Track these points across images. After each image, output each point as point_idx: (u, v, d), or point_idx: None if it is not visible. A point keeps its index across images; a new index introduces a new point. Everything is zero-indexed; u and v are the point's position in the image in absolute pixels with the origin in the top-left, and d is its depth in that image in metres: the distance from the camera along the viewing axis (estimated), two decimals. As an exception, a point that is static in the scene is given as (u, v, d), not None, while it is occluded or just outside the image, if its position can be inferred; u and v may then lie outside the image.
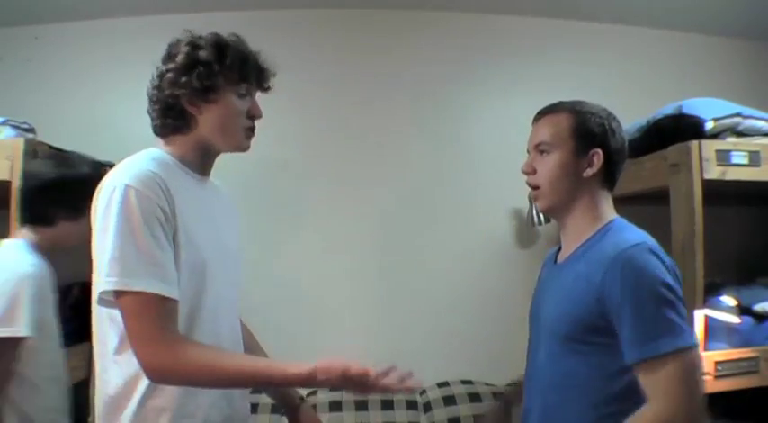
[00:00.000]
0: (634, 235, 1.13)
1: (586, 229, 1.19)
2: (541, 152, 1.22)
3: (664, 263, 1.07)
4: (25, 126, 1.86)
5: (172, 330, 0.99)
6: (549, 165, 1.20)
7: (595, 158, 1.18)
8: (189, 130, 1.14)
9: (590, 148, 1.18)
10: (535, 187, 1.23)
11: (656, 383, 1.01)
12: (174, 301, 1.00)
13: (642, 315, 1.02)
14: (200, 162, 1.18)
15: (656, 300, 1.03)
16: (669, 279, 1.05)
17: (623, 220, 1.20)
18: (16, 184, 1.57)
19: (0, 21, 2.46)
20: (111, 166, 1.12)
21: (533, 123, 1.27)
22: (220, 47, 1.13)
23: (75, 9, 2.45)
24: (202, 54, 1.11)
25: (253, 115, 1.19)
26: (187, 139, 1.15)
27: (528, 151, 1.27)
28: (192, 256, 1.08)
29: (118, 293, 0.97)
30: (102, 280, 0.98)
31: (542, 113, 1.26)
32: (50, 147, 1.69)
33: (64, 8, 2.43)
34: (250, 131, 1.19)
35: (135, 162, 1.08)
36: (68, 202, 1.46)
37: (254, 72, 1.18)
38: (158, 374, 0.98)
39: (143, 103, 1.16)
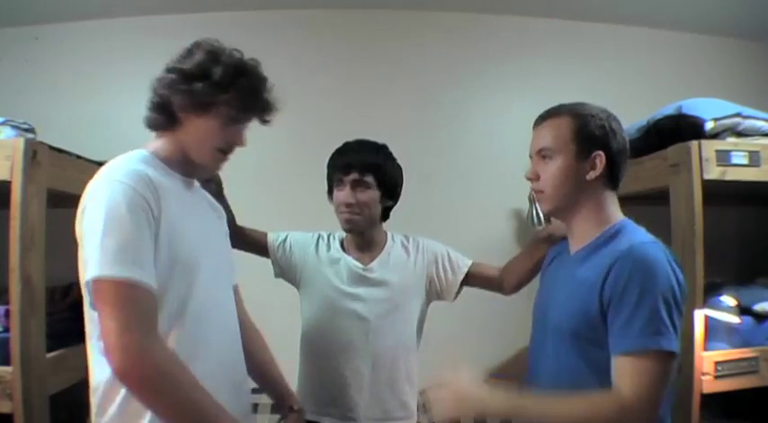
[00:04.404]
0: (647, 236, 1.15)
1: (592, 230, 1.19)
2: (543, 157, 1.21)
3: (674, 270, 1.08)
4: (25, 126, 1.85)
5: (147, 325, 0.97)
6: (551, 170, 1.20)
7: (598, 161, 1.17)
8: (173, 130, 1.15)
9: (592, 150, 1.18)
10: (539, 192, 1.24)
11: (631, 375, 1.03)
12: (151, 292, 0.99)
13: (644, 309, 1.03)
14: (185, 164, 1.19)
15: (661, 300, 1.04)
16: (677, 286, 1.07)
17: (632, 222, 1.20)
18: (16, 183, 1.56)
19: (0, 21, 2.46)
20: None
21: (534, 128, 1.26)
22: (238, 71, 1.12)
23: (75, 9, 2.45)
24: (216, 71, 1.10)
25: (234, 143, 1.18)
26: (172, 138, 1.16)
27: (530, 156, 1.26)
28: (182, 253, 1.08)
29: (97, 283, 0.97)
30: (90, 269, 0.97)
31: (543, 118, 1.25)
32: (50, 147, 1.69)
33: (64, 8, 2.44)
34: (223, 156, 1.18)
35: (123, 162, 1.09)
36: None
37: (260, 106, 1.18)
38: (121, 368, 0.95)
39: (143, 104, 1.16)
